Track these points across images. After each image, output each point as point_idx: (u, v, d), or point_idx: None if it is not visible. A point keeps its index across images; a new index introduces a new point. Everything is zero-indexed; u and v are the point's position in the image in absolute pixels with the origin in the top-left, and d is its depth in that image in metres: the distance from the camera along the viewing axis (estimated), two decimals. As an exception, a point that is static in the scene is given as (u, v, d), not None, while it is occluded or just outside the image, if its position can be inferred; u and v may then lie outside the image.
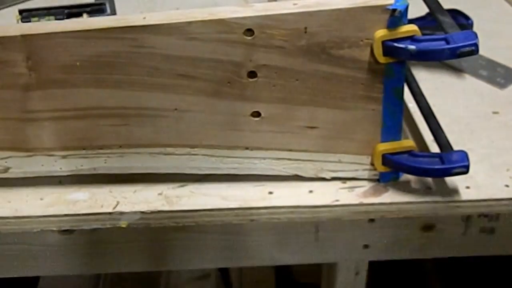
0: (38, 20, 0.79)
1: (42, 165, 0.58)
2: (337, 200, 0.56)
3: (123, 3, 0.90)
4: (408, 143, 0.56)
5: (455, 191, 0.57)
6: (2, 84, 0.54)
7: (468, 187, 0.57)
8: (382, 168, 0.57)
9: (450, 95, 0.71)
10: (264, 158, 0.57)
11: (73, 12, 0.80)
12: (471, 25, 0.77)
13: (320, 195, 0.57)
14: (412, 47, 0.50)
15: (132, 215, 0.56)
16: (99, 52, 0.52)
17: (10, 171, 0.59)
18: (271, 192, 0.58)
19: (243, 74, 0.53)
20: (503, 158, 0.61)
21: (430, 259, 1.01)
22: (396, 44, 0.50)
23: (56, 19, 0.78)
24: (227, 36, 0.51)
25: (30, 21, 0.78)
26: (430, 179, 0.58)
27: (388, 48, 0.51)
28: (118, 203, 0.57)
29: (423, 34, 0.51)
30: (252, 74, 0.53)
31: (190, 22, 0.51)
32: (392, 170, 0.57)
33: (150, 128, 0.56)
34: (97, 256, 0.62)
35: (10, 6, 0.94)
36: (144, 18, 0.51)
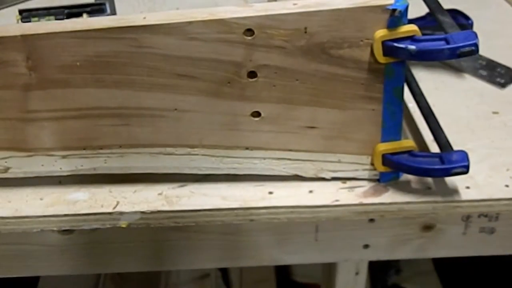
0: (38, 20, 0.78)
1: (42, 165, 0.58)
2: (337, 200, 0.56)
3: (123, 3, 0.91)
4: (408, 143, 0.56)
5: (455, 191, 0.57)
6: (2, 84, 0.54)
7: (468, 187, 0.57)
8: (382, 168, 0.57)
9: (450, 95, 0.71)
10: (264, 158, 0.57)
11: (73, 12, 0.80)
12: (471, 25, 0.77)
13: (320, 195, 0.57)
14: (412, 47, 0.50)
15: (132, 215, 0.56)
16: (99, 52, 0.52)
17: (10, 171, 0.59)
18: (271, 192, 0.58)
19: (243, 74, 0.53)
20: (503, 158, 0.61)
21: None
22: (396, 44, 0.50)
23: (56, 19, 0.78)
24: (227, 36, 0.51)
25: (30, 21, 0.78)
26: (430, 179, 0.58)
27: (388, 48, 0.51)
28: (118, 203, 0.57)
29: (423, 34, 0.51)
30: (252, 74, 0.53)
31: (190, 22, 0.51)
32: (392, 170, 0.57)
33: (150, 128, 0.56)
34: (97, 256, 0.62)
35: (10, 6, 0.94)
36: (144, 18, 0.51)
